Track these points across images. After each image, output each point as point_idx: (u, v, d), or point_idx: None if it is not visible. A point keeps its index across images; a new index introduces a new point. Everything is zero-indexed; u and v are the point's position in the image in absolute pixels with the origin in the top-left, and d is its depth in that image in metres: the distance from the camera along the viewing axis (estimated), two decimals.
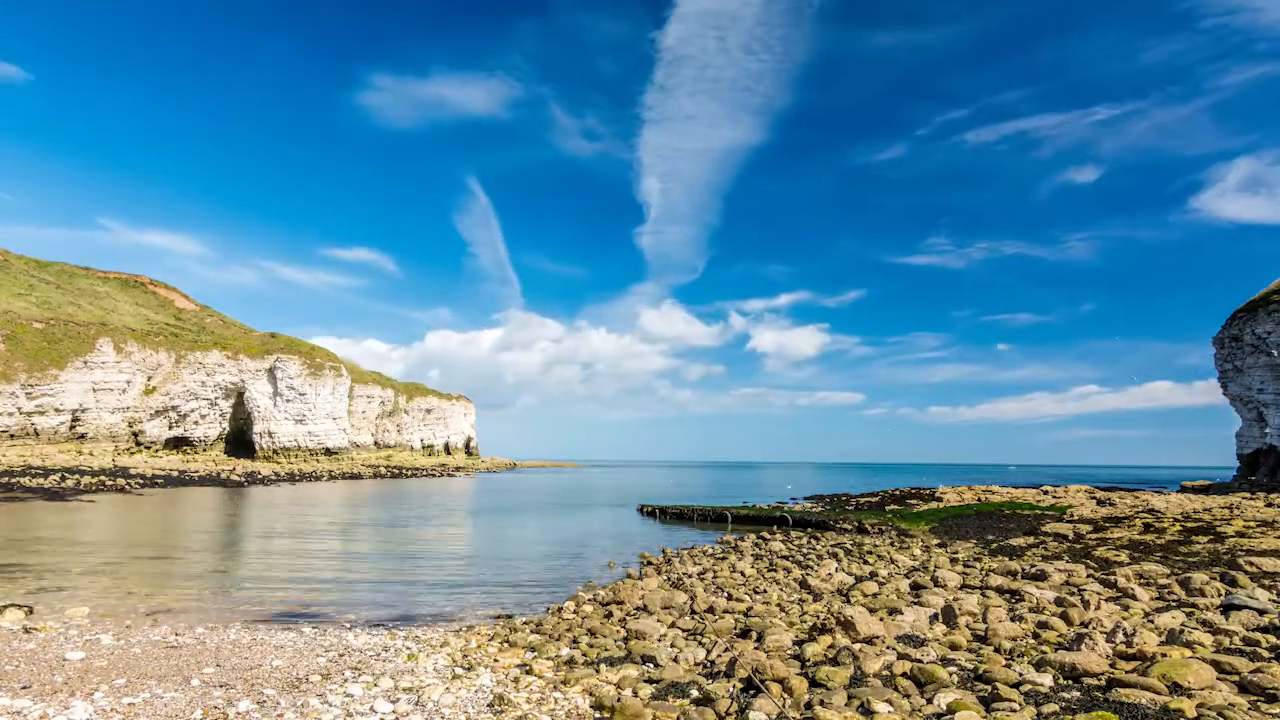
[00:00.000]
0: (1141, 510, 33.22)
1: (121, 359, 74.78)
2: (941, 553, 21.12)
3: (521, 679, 8.57)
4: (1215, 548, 19.32)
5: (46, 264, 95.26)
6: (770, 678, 7.87)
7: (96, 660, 9.06)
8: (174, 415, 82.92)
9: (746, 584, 15.67)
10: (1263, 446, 59.21)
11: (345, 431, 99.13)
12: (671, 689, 7.86)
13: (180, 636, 10.66)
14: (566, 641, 10.66)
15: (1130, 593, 12.85)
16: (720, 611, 12.48)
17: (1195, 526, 24.80)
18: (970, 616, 11.21)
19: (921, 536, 26.77)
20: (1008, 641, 9.58)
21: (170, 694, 7.73)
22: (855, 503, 46.48)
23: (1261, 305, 59.37)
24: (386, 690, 8.08)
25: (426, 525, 32.28)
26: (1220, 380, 64.22)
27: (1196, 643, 9.01)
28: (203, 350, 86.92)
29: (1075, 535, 24.34)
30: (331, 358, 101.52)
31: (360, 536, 27.42)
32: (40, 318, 71.95)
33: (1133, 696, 6.95)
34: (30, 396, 64.72)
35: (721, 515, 35.79)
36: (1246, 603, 11.23)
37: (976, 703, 6.89)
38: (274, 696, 7.75)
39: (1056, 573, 14.92)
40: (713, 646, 9.72)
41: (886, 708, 6.90)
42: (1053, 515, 32.23)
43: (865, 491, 59.55)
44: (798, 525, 32.22)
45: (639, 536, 28.49)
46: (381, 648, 10.26)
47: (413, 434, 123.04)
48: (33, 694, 7.58)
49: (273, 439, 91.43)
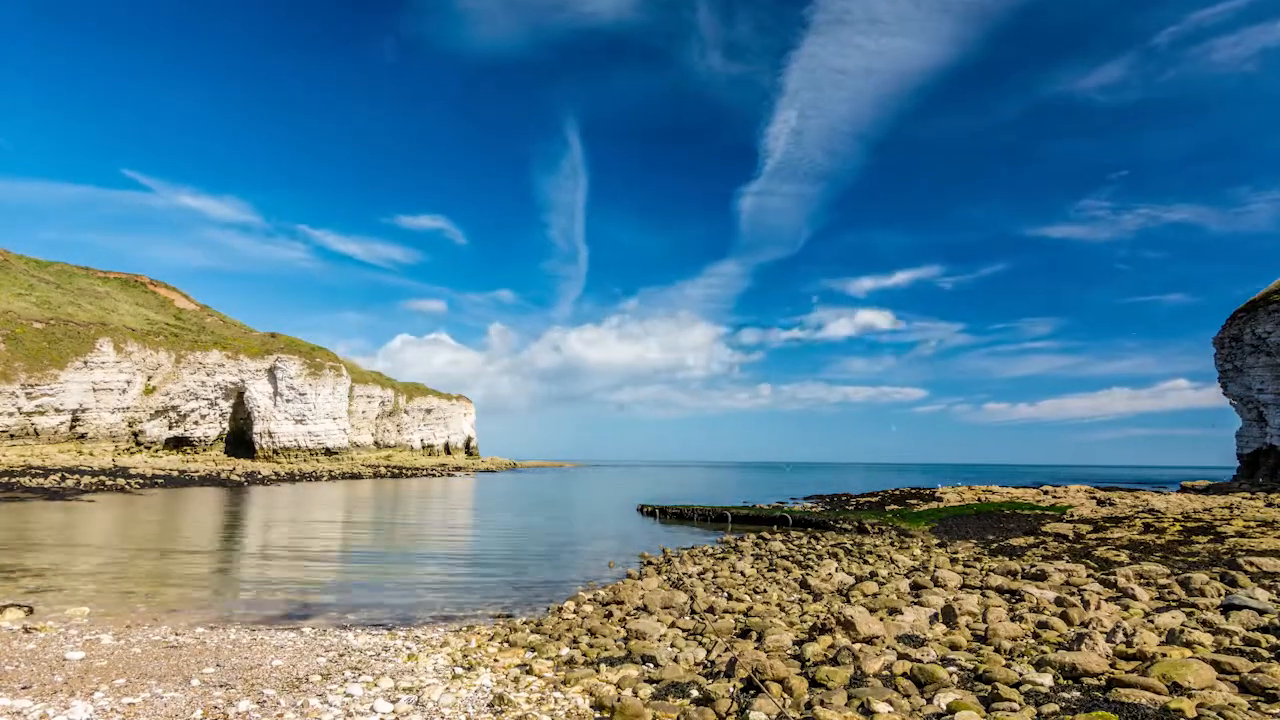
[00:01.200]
0: (1141, 510, 33.21)
1: (121, 359, 74.77)
2: (941, 553, 21.12)
3: (521, 679, 8.57)
4: (1215, 548, 19.31)
5: (46, 264, 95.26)
6: (770, 678, 7.87)
7: (96, 660, 9.06)
8: (174, 415, 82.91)
9: (746, 584, 15.67)
10: (1263, 446, 59.20)
11: (345, 431, 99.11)
12: (672, 689, 7.85)
13: (180, 636, 10.66)
14: (566, 641, 10.65)
15: (1130, 593, 12.85)
16: (720, 611, 12.48)
17: (1195, 526, 24.80)
18: (970, 616, 11.21)
19: (921, 536, 26.77)
20: (1008, 641, 9.58)
21: (170, 694, 7.73)
22: (855, 503, 46.49)
23: (1262, 305, 59.36)
24: (386, 690, 8.07)
25: (426, 525, 32.28)
26: (1220, 380, 64.18)
27: (1196, 643, 9.01)
28: (203, 350, 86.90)
29: (1075, 535, 24.33)
30: (331, 358, 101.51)
31: (360, 536, 27.42)
32: (40, 318, 71.94)
33: (1133, 696, 6.95)
34: (30, 396, 64.72)
35: (721, 515, 35.78)
36: (1246, 603, 11.23)
37: (976, 703, 6.89)
38: (274, 696, 7.75)
39: (1056, 573, 14.92)
40: (713, 646, 9.72)
41: (886, 708, 6.89)
42: (1053, 515, 32.22)
43: (865, 491, 59.56)
44: (798, 525, 32.21)
45: (639, 536, 28.48)
46: (381, 648, 10.26)
47: (413, 434, 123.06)
48: (33, 694, 7.58)
49: (273, 439, 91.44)
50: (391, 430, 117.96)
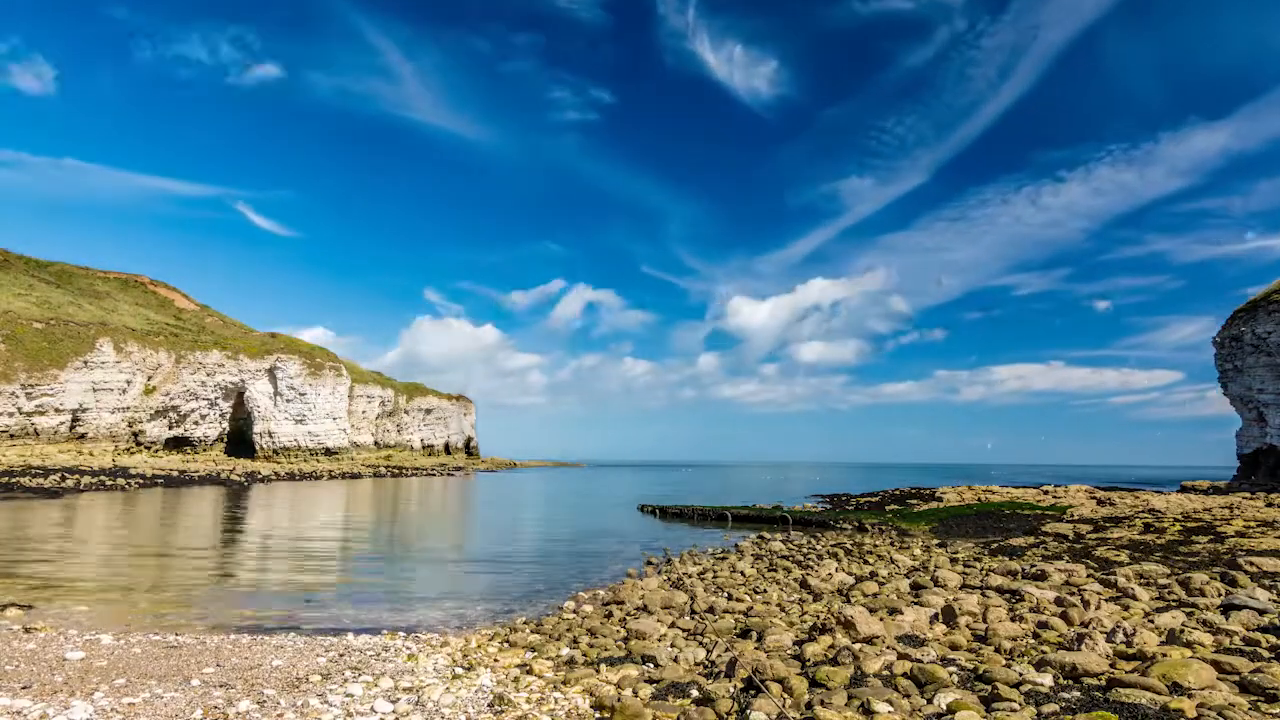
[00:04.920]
0: (1141, 510, 33.20)
1: (121, 359, 74.76)
2: (941, 553, 21.11)
3: (521, 679, 8.57)
4: (1215, 548, 19.31)
5: (46, 264, 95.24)
6: (770, 678, 7.87)
7: (96, 660, 9.06)
8: (174, 415, 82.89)
9: (746, 584, 15.67)
10: (1263, 446, 59.21)
11: (345, 431, 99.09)
12: (672, 689, 7.85)
13: (180, 636, 10.65)
14: (566, 641, 10.65)
15: (1130, 593, 12.84)
16: (720, 611, 12.48)
17: (1195, 526, 24.79)
18: (970, 616, 11.20)
19: (921, 536, 26.77)
20: (1008, 641, 9.57)
21: (170, 694, 7.73)
22: (855, 503, 46.50)
23: (1262, 305, 59.36)
24: (386, 690, 8.07)
25: (426, 525, 32.28)
26: (1220, 380, 64.22)
27: (1197, 643, 9.01)
28: (203, 350, 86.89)
29: (1075, 535, 24.33)
30: (331, 358, 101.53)
31: (360, 536, 27.41)
32: (40, 318, 71.93)
33: (1133, 696, 6.95)
34: (30, 396, 64.71)
35: (722, 515, 35.79)
36: (1246, 603, 11.22)
37: (977, 703, 6.88)
38: (274, 696, 7.75)
39: (1056, 573, 14.91)
40: (713, 646, 9.72)
41: (886, 708, 6.89)
42: (1053, 515, 32.22)
43: (865, 491, 59.56)
44: (798, 525, 32.20)
45: (639, 536, 28.47)
46: (381, 647, 10.26)
47: (413, 434, 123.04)
48: (33, 694, 7.57)
49: (273, 439, 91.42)
50: (391, 430, 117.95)
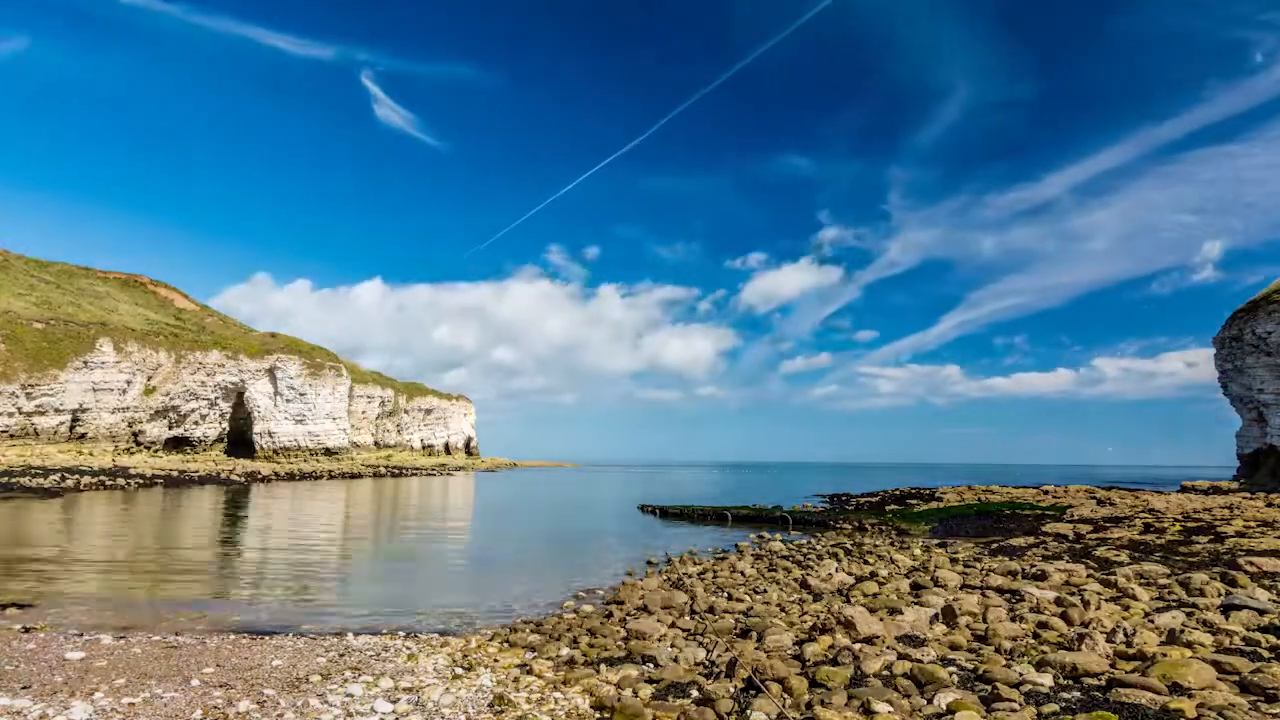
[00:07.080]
0: (1141, 510, 33.20)
1: (121, 359, 74.75)
2: (941, 553, 21.10)
3: (521, 679, 8.57)
4: (1215, 548, 19.30)
5: (46, 264, 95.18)
6: (770, 678, 7.87)
7: (96, 660, 9.05)
8: (174, 415, 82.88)
9: (746, 584, 15.66)
10: (1263, 446, 59.18)
11: (345, 431, 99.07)
12: (672, 689, 7.85)
13: (180, 636, 10.65)
14: (566, 641, 10.65)
15: (1130, 593, 12.84)
16: (720, 611, 12.47)
17: (1195, 526, 24.79)
18: (970, 616, 11.20)
19: (921, 536, 26.77)
20: (1008, 641, 9.57)
21: (170, 694, 7.72)
22: (855, 503, 46.50)
23: (1262, 305, 59.35)
24: (386, 690, 8.07)
25: (426, 525, 32.28)
26: (1220, 380, 64.19)
27: (1197, 643, 9.00)
28: (203, 350, 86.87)
29: (1075, 535, 24.32)
30: (331, 357, 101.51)
31: (360, 536, 27.41)
32: (40, 318, 71.92)
33: (1133, 696, 6.95)
34: (30, 396, 64.70)
35: (721, 515, 35.79)
36: (1246, 603, 11.22)
37: (977, 703, 6.88)
38: (274, 696, 7.75)
39: (1057, 573, 14.90)
40: (713, 646, 9.72)
41: (886, 708, 6.89)
42: (1053, 515, 32.21)
43: (865, 491, 59.55)
44: (798, 525, 32.21)
45: (639, 536, 28.46)
46: (381, 648, 10.25)
47: (413, 434, 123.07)
48: (32, 694, 7.57)
49: (273, 439, 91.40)
50: (391, 430, 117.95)
